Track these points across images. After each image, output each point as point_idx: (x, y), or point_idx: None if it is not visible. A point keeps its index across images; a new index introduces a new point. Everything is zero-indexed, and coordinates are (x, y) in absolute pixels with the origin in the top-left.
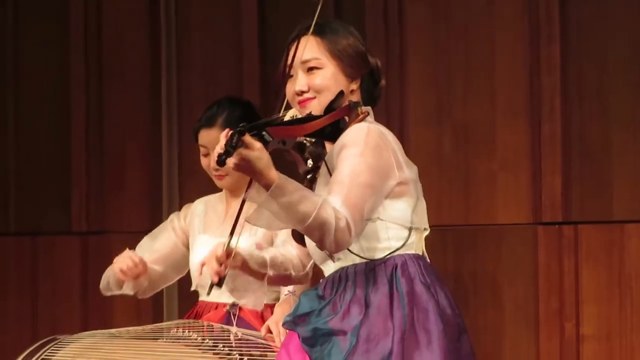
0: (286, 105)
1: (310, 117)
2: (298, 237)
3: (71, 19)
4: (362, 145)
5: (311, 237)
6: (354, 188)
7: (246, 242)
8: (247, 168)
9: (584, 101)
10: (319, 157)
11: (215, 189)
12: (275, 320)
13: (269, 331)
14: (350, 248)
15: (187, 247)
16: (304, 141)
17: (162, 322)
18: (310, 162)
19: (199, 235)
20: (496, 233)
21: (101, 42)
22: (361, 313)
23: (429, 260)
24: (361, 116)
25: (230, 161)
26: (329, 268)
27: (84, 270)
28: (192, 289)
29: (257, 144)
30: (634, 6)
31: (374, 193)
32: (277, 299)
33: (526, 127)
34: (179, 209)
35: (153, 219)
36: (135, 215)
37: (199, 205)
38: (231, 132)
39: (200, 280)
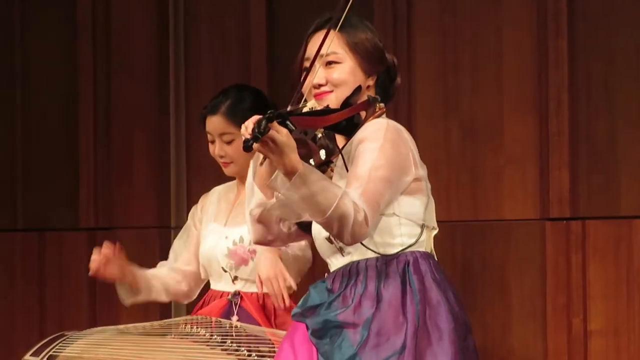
0: (300, 97)
1: (330, 110)
2: (304, 226)
3: (78, 11)
4: (382, 140)
5: (329, 228)
6: (373, 181)
7: (248, 237)
8: (274, 154)
9: (591, 96)
10: (332, 150)
11: (224, 181)
12: (267, 276)
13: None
14: (363, 242)
15: None
16: (318, 133)
17: (170, 317)
18: (323, 155)
19: (209, 223)
20: (504, 228)
21: (109, 36)
22: (373, 307)
23: (437, 259)
24: (379, 112)
25: (257, 147)
26: (337, 262)
27: None
28: (202, 277)
29: (284, 130)
30: None
31: (391, 187)
32: None
33: (534, 122)
34: (187, 204)
35: (161, 215)
36: (143, 211)
37: (215, 194)
38: (259, 118)
39: (208, 268)
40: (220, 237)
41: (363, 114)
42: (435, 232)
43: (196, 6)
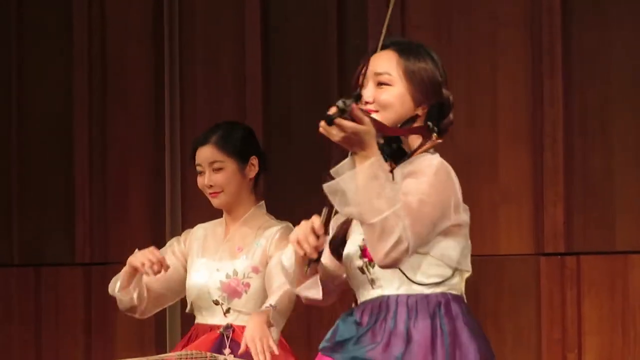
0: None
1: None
2: (335, 251)
3: (74, 46)
4: (433, 178)
5: (369, 234)
6: (421, 216)
7: (243, 264)
8: (356, 141)
9: (586, 132)
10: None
11: (218, 216)
12: (252, 336)
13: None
14: (394, 277)
15: (186, 270)
16: (380, 140)
17: (165, 352)
18: None
19: (197, 258)
20: (499, 263)
21: (105, 70)
22: (402, 346)
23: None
24: (431, 143)
25: (338, 133)
26: (366, 293)
27: (88, 301)
28: (187, 310)
29: (366, 118)
30: (636, 38)
31: (433, 226)
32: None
33: (528, 157)
34: None
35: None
36: (138, 246)
37: (200, 230)
38: (341, 99)
39: (197, 301)
40: (212, 271)
41: (414, 143)
42: (467, 274)
43: (192, 41)
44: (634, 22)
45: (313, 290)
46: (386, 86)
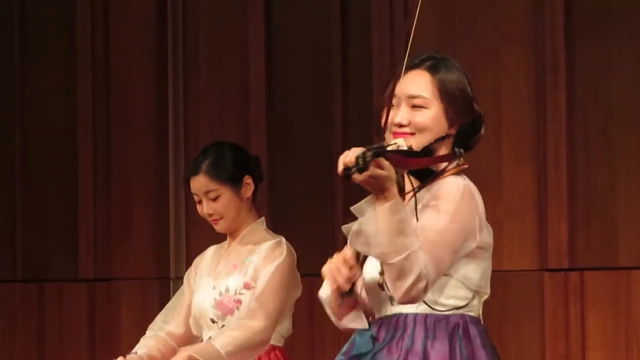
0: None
1: (415, 152)
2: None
3: (78, 63)
4: (456, 204)
5: (388, 273)
6: (441, 247)
7: (235, 281)
8: (376, 185)
9: (589, 147)
10: (402, 188)
11: (222, 234)
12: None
13: None
14: None
15: None
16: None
17: None
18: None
19: (201, 279)
20: (502, 279)
21: (108, 87)
22: None
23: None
24: (459, 168)
25: (358, 177)
26: (384, 310)
27: (91, 317)
28: (195, 333)
29: (386, 163)
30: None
31: (455, 253)
32: (279, 340)
33: (532, 173)
34: (186, 255)
35: (160, 266)
36: (142, 262)
37: (210, 251)
38: (362, 150)
39: (200, 320)
40: (209, 289)
41: (442, 164)
42: (486, 297)
43: (195, 56)
44: (637, 38)
45: (357, 322)
46: (422, 108)
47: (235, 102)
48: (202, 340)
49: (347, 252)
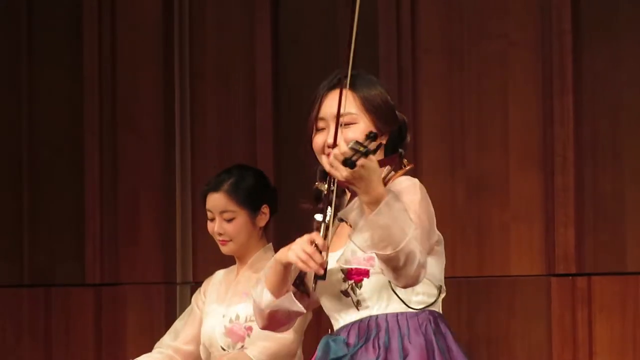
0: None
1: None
2: (299, 283)
3: (85, 69)
4: (419, 196)
5: (393, 263)
6: (421, 232)
7: (246, 309)
8: (363, 182)
9: (597, 152)
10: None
11: None
12: None
13: None
14: (382, 297)
15: None
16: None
17: None
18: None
19: (209, 304)
20: (509, 284)
21: (115, 93)
22: None
23: None
24: (407, 168)
25: (348, 173)
26: (348, 317)
27: (98, 322)
28: (203, 358)
29: (374, 158)
30: None
31: (429, 240)
32: None
33: (539, 178)
34: (193, 260)
35: (167, 271)
36: (149, 267)
37: (218, 275)
38: (356, 141)
39: (210, 347)
40: (219, 317)
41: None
42: (443, 294)
43: (202, 64)
44: None
45: (292, 304)
46: (351, 125)
47: (242, 110)
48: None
49: (317, 237)
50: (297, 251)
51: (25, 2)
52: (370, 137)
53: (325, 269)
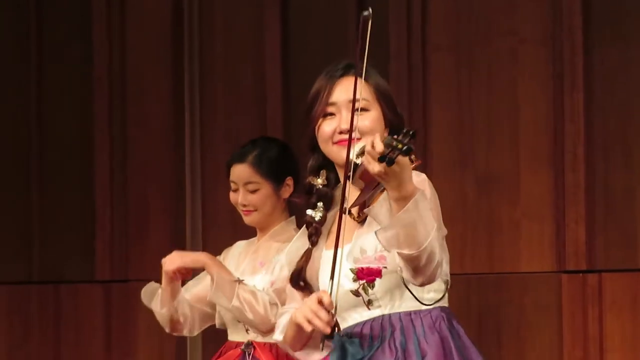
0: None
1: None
2: (297, 283)
3: (95, 67)
4: (429, 192)
5: (415, 262)
6: (438, 231)
7: (263, 280)
8: (397, 176)
9: (607, 149)
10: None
11: (240, 234)
12: None
13: None
14: (395, 295)
15: None
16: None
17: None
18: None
19: None
20: (520, 281)
21: (125, 90)
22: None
23: None
24: (415, 164)
25: (381, 167)
26: (358, 316)
27: (107, 318)
28: (217, 326)
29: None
30: None
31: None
32: None
33: (550, 175)
34: None
35: None
36: (158, 264)
37: (237, 247)
38: (393, 136)
39: (225, 318)
40: None
41: None
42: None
43: (211, 61)
44: None
45: (314, 355)
46: (364, 112)
47: (251, 106)
48: (227, 335)
49: (324, 296)
50: (304, 311)
51: (34, 2)
52: (410, 134)
53: (333, 328)
